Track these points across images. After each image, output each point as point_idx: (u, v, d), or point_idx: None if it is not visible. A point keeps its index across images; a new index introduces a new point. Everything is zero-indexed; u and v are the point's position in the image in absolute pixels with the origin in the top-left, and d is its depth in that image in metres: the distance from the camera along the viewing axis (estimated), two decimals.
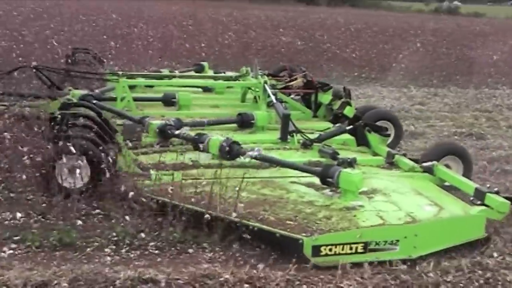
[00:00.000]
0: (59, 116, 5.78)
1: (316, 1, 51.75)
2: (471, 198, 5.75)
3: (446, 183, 6.28)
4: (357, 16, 37.66)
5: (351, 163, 6.00)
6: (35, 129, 6.68)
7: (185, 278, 4.30)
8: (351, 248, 4.73)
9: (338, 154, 6.51)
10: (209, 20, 27.33)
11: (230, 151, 6.13)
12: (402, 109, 11.84)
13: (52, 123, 5.88)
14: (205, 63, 11.25)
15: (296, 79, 8.90)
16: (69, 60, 10.59)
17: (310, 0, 51.71)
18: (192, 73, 10.76)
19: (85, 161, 5.54)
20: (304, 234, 4.70)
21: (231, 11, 33.45)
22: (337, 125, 7.76)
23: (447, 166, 6.55)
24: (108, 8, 28.71)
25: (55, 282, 4.11)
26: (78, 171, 5.54)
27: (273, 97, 8.07)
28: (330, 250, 4.68)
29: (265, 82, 8.47)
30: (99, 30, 19.82)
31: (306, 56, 18.70)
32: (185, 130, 6.78)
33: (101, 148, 5.66)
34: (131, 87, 8.77)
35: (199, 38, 20.39)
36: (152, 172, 5.83)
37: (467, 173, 6.61)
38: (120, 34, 19.58)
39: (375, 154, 7.16)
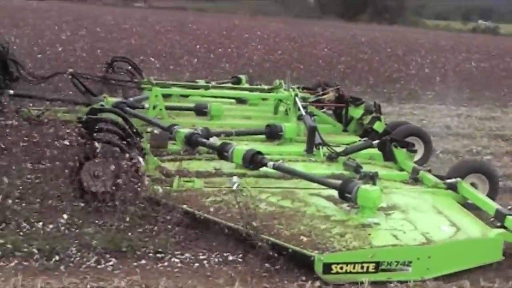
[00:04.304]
0: (86, 120, 5.93)
1: (357, 17, 51.87)
2: (491, 219, 5.67)
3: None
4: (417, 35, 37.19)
5: (373, 177, 5.96)
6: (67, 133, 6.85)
7: None
8: (362, 267, 4.70)
9: (361, 167, 6.50)
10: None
11: (253, 161, 6.19)
12: None
13: (80, 127, 6.04)
14: (242, 76, 11.30)
15: (328, 93, 8.93)
16: (109, 69, 10.79)
17: (353, 17, 51.79)
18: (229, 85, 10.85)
19: (109, 164, 5.68)
20: (316, 252, 4.69)
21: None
22: (364, 139, 7.75)
23: (473, 184, 6.46)
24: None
25: None
26: (102, 174, 5.68)
27: (302, 110, 8.11)
28: (341, 268, 4.65)
29: (296, 95, 8.53)
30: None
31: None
32: (213, 140, 6.90)
33: (124, 152, 5.78)
34: (166, 96, 8.95)
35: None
36: (174, 178, 5.93)
37: (492, 193, 6.49)
38: None
39: (401, 169, 7.12)
